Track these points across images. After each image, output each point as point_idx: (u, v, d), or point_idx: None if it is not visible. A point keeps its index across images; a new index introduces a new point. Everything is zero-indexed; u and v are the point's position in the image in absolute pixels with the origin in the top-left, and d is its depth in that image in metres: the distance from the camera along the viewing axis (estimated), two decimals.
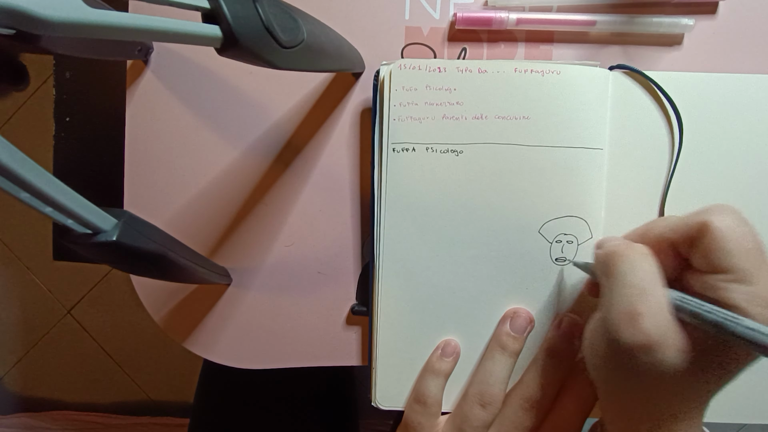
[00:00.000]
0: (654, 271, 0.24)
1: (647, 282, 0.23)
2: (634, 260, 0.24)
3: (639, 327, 0.22)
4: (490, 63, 0.31)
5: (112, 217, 0.21)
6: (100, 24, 0.16)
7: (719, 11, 0.33)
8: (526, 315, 0.31)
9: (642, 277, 0.23)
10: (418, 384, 0.31)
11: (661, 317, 0.22)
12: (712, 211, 0.23)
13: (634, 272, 0.24)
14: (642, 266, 0.24)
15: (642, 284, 0.23)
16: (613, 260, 0.25)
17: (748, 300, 0.21)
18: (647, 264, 0.24)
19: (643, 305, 0.22)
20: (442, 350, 0.32)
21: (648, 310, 0.22)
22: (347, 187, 0.35)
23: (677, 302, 0.23)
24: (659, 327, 0.22)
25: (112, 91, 0.96)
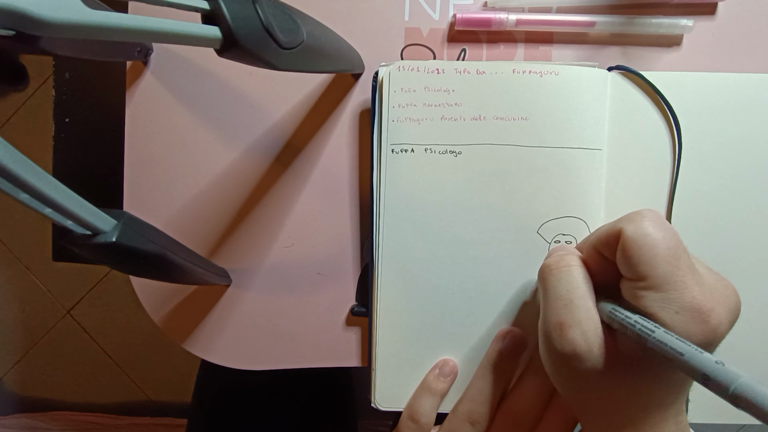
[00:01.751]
0: (581, 283, 0.24)
1: (574, 293, 0.24)
2: (561, 272, 0.25)
3: (566, 337, 0.23)
4: (489, 64, 0.31)
5: (112, 218, 0.21)
6: (100, 25, 0.16)
7: (718, 12, 0.33)
8: (519, 335, 0.31)
9: (569, 288, 0.24)
10: (413, 401, 0.31)
11: (588, 327, 0.23)
12: (628, 218, 0.23)
13: (561, 284, 0.25)
14: (568, 278, 0.25)
15: (569, 296, 0.24)
16: (545, 273, 0.26)
17: (662, 307, 0.22)
18: (574, 275, 0.25)
19: (570, 316, 0.23)
20: (440, 370, 0.32)
21: (574, 321, 0.23)
22: (347, 187, 0.35)
23: (609, 313, 0.23)
24: (586, 337, 0.23)
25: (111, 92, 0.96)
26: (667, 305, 0.21)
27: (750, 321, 0.32)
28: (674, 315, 0.21)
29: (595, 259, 0.25)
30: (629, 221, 0.23)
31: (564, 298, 0.24)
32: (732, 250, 0.32)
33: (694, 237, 0.32)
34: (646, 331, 0.21)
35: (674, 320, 0.21)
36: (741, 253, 0.32)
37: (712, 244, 0.32)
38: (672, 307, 0.21)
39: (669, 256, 0.22)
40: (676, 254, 0.22)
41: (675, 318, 0.21)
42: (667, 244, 0.22)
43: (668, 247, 0.22)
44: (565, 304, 0.24)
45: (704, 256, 0.32)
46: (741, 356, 0.32)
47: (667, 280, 0.22)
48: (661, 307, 0.22)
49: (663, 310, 0.21)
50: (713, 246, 0.32)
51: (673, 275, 0.22)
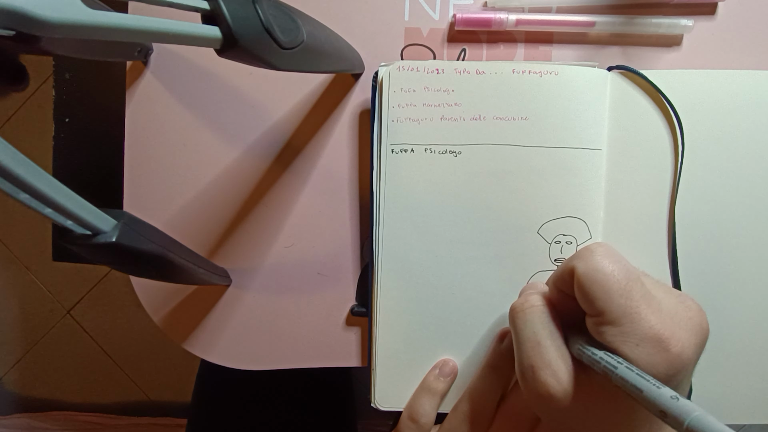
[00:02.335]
0: (545, 323, 0.25)
1: (539, 334, 0.24)
2: (526, 314, 0.25)
3: (539, 380, 0.23)
4: (488, 64, 0.31)
5: (112, 218, 0.21)
6: (100, 25, 0.16)
7: (718, 12, 0.33)
8: None
9: (533, 330, 0.24)
10: (413, 401, 0.32)
11: (558, 368, 0.23)
12: (578, 255, 0.23)
13: (527, 326, 0.25)
14: (533, 320, 0.25)
15: (535, 337, 0.24)
16: (511, 316, 0.26)
17: (623, 341, 0.22)
18: (539, 316, 0.25)
19: (539, 359, 0.24)
20: (440, 370, 0.32)
21: (544, 363, 0.23)
22: (346, 187, 0.35)
23: (578, 350, 0.23)
24: (557, 377, 0.23)
25: (111, 92, 0.96)
26: (626, 339, 0.21)
27: (753, 322, 0.32)
28: (635, 348, 0.21)
29: (559, 296, 0.25)
30: (580, 258, 0.23)
31: (531, 340, 0.24)
32: (736, 248, 0.32)
33: (698, 236, 0.32)
34: (609, 367, 0.21)
35: (635, 353, 0.21)
36: (745, 251, 0.32)
37: (715, 242, 0.32)
38: (632, 340, 0.21)
39: (620, 290, 0.22)
40: (627, 286, 0.22)
41: (636, 351, 0.21)
42: (618, 276, 0.22)
43: (619, 280, 0.22)
44: (533, 346, 0.24)
45: (708, 256, 0.32)
46: (741, 356, 0.32)
47: (623, 314, 0.22)
48: (622, 341, 0.22)
49: (624, 344, 0.21)
50: (717, 244, 0.32)
51: (628, 308, 0.22)
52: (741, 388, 0.33)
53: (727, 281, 0.32)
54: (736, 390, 0.32)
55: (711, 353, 0.32)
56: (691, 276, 0.32)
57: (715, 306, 0.32)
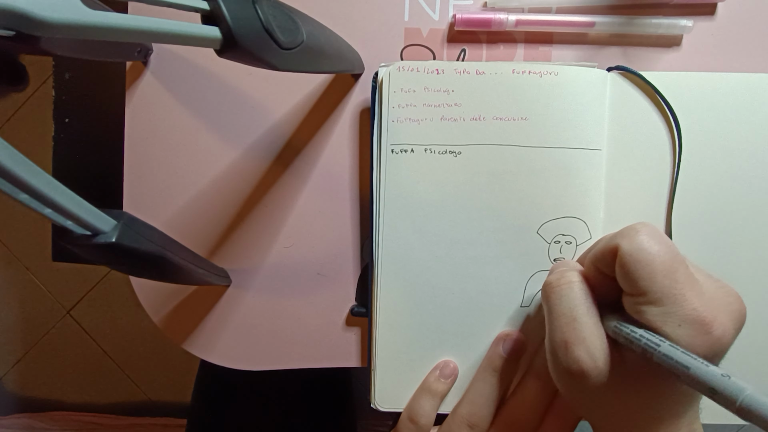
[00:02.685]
0: (582, 299, 0.24)
1: (576, 310, 0.24)
2: (562, 290, 0.25)
3: (572, 355, 0.23)
4: (488, 64, 0.31)
5: (111, 219, 0.21)
6: (99, 25, 0.16)
7: (718, 12, 0.33)
8: (519, 338, 0.31)
9: (570, 305, 0.24)
10: (413, 401, 0.31)
11: (592, 344, 0.23)
12: (622, 234, 0.23)
13: (563, 302, 0.25)
14: (570, 295, 0.25)
15: (571, 313, 0.24)
16: (547, 291, 0.26)
17: (664, 321, 0.22)
18: (576, 292, 0.25)
19: (574, 334, 0.23)
20: (441, 371, 0.32)
21: (578, 338, 0.23)
22: (346, 188, 0.35)
23: (614, 328, 0.23)
24: (591, 354, 0.23)
25: (111, 93, 0.96)
26: (668, 319, 0.21)
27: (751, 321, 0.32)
28: (677, 328, 0.21)
29: (595, 274, 0.25)
30: (624, 237, 0.23)
31: (567, 315, 0.24)
32: (732, 250, 0.32)
33: (695, 237, 0.32)
34: (651, 345, 0.21)
35: (677, 333, 0.21)
36: (741, 252, 0.32)
37: (712, 243, 0.32)
38: (674, 321, 0.21)
39: (666, 270, 0.22)
40: (673, 267, 0.22)
41: (678, 331, 0.21)
42: (663, 257, 0.22)
43: (664, 261, 0.22)
44: (569, 322, 0.24)
45: (705, 256, 0.32)
46: (743, 357, 0.32)
47: (666, 294, 0.22)
48: (663, 321, 0.21)
49: (665, 324, 0.21)
50: (713, 245, 0.32)
51: (672, 288, 0.22)
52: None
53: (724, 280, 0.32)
54: None
55: None
56: None
57: None
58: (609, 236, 0.25)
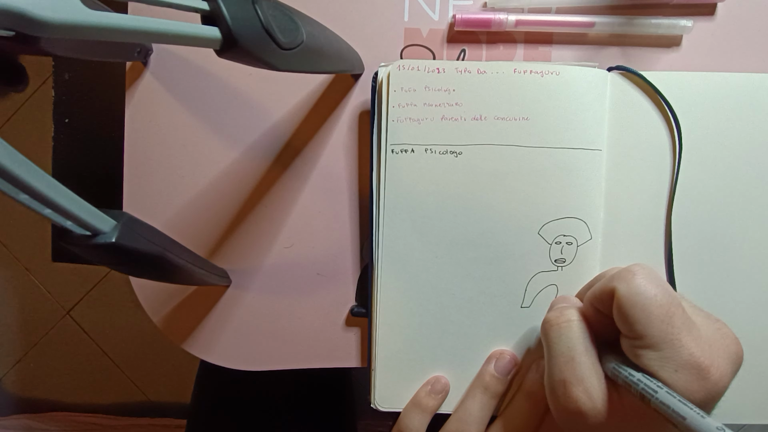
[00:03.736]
0: (580, 339, 0.24)
1: (574, 350, 0.24)
2: (561, 329, 0.25)
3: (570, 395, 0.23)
4: (490, 64, 0.31)
5: (111, 219, 0.21)
6: (99, 26, 0.16)
7: (717, 13, 0.33)
8: (511, 357, 0.31)
9: (568, 345, 0.24)
10: (403, 416, 0.31)
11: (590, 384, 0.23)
12: (619, 276, 0.23)
13: (561, 341, 0.24)
14: (569, 335, 0.24)
15: (570, 352, 0.24)
16: (546, 329, 0.26)
17: (661, 366, 0.21)
18: (574, 332, 0.25)
19: (572, 374, 0.23)
20: (432, 386, 0.32)
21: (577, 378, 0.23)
22: (346, 188, 0.35)
23: (612, 370, 0.23)
24: (589, 394, 0.23)
25: (111, 93, 0.96)
26: (665, 364, 0.21)
27: (750, 322, 0.32)
28: (673, 373, 0.21)
29: (594, 313, 0.25)
30: (621, 279, 0.23)
31: (565, 354, 0.24)
32: (732, 249, 0.32)
33: (694, 237, 0.32)
34: (648, 391, 0.21)
35: (674, 379, 0.21)
36: (741, 252, 0.32)
37: (711, 243, 0.32)
38: (671, 366, 0.21)
39: (662, 315, 0.22)
40: (669, 312, 0.22)
41: (674, 377, 0.21)
42: (660, 301, 0.22)
43: (661, 305, 0.22)
44: (567, 361, 0.24)
45: (704, 257, 0.32)
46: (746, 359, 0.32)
47: (663, 339, 0.22)
48: (660, 366, 0.21)
49: (662, 369, 0.21)
50: (712, 245, 0.32)
51: (669, 333, 0.22)
52: (740, 388, 0.32)
53: (724, 282, 0.32)
54: (736, 390, 0.32)
55: None
56: (689, 276, 0.32)
57: (712, 306, 0.32)
58: (607, 276, 0.24)
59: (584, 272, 0.31)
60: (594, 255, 0.31)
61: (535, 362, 0.31)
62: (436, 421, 0.32)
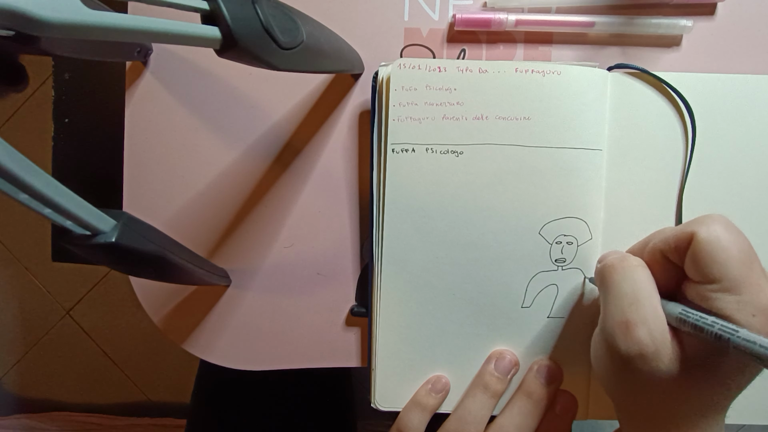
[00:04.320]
0: (646, 282, 0.24)
1: (640, 292, 0.24)
2: (626, 271, 0.25)
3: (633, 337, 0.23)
4: (491, 63, 0.31)
5: (111, 219, 0.21)
6: (99, 25, 0.16)
7: (718, 12, 0.33)
8: (511, 357, 0.31)
9: (634, 287, 0.24)
10: (403, 414, 0.31)
11: (655, 327, 0.23)
12: (699, 221, 0.23)
13: (626, 282, 0.24)
14: (634, 276, 0.24)
15: (635, 294, 0.24)
16: (608, 272, 0.25)
17: (738, 309, 0.21)
18: (640, 274, 0.24)
19: (636, 315, 0.23)
20: (432, 385, 0.32)
21: (641, 319, 0.23)
22: (346, 188, 0.35)
23: (680, 315, 0.23)
24: (653, 336, 0.22)
25: (111, 93, 0.96)
26: (743, 307, 0.21)
27: None
28: (751, 318, 0.21)
29: (657, 262, 0.25)
30: (701, 224, 0.23)
31: (629, 296, 0.24)
32: None
33: None
34: (728, 330, 0.21)
35: (751, 322, 0.21)
36: None
37: None
38: (749, 309, 0.21)
39: (743, 259, 0.22)
40: (750, 257, 0.22)
41: (752, 320, 0.21)
42: (740, 246, 0.22)
43: (741, 249, 0.22)
44: (631, 303, 0.23)
45: None
46: None
47: (743, 283, 0.21)
48: (737, 309, 0.21)
49: (739, 312, 0.21)
50: None
51: (748, 278, 0.21)
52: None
53: None
54: None
55: None
56: None
57: None
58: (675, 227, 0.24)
59: (585, 272, 0.31)
60: (594, 255, 0.31)
61: (534, 362, 0.31)
62: (436, 421, 0.32)
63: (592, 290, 0.31)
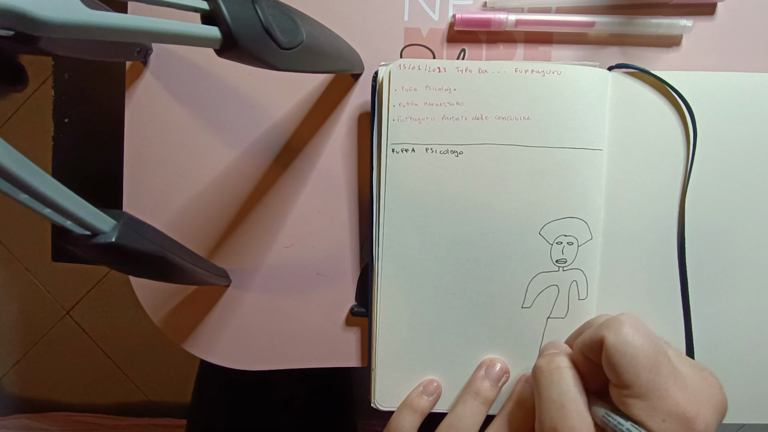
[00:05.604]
0: (571, 385, 0.24)
1: (565, 397, 0.24)
2: (552, 375, 0.25)
3: None
4: (491, 63, 0.31)
5: (111, 219, 0.21)
6: (99, 25, 0.16)
7: (717, 12, 0.33)
8: (502, 365, 0.31)
9: (560, 392, 0.24)
10: (395, 416, 0.31)
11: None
12: (608, 325, 0.23)
13: (552, 388, 0.25)
14: (559, 381, 0.25)
15: (560, 399, 0.24)
16: (536, 375, 0.26)
17: (649, 416, 0.22)
18: (565, 378, 0.25)
19: (562, 421, 0.23)
20: (424, 388, 0.32)
21: (566, 426, 0.23)
22: (346, 188, 0.35)
23: (603, 417, 0.23)
24: None
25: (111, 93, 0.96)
26: (653, 413, 0.22)
27: (753, 321, 0.32)
28: (661, 423, 0.21)
29: (583, 360, 0.25)
30: (609, 329, 0.23)
31: (556, 402, 0.24)
32: (732, 248, 0.32)
33: (692, 235, 0.32)
34: None
35: (662, 428, 0.21)
36: (742, 251, 0.32)
37: (710, 242, 0.32)
38: (658, 416, 0.22)
39: (650, 365, 0.22)
40: (656, 361, 0.22)
41: (662, 426, 0.21)
42: (647, 351, 0.22)
43: (648, 355, 0.22)
44: (557, 408, 0.24)
45: (704, 255, 0.32)
46: (742, 356, 0.32)
47: (650, 389, 0.22)
48: (648, 416, 0.22)
49: (650, 418, 0.22)
50: (712, 243, 0.32)
51: (656, 383, 0.22)
52: (740, 387, 0.33)
53: (726, 280, 0.32)
54: (736, 389, 0.32)
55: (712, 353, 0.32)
56: (692, 275, 0.32)
57: (714, 305, 0.32)
58: (596, 324, 0.25)
59: (585, 272, 0.31)
60: (594, 255, 0.31)
61: (523, 374, 0.31)
62: (436, 421, 0.32)
63: (593, 291, 0.31)
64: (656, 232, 0.32)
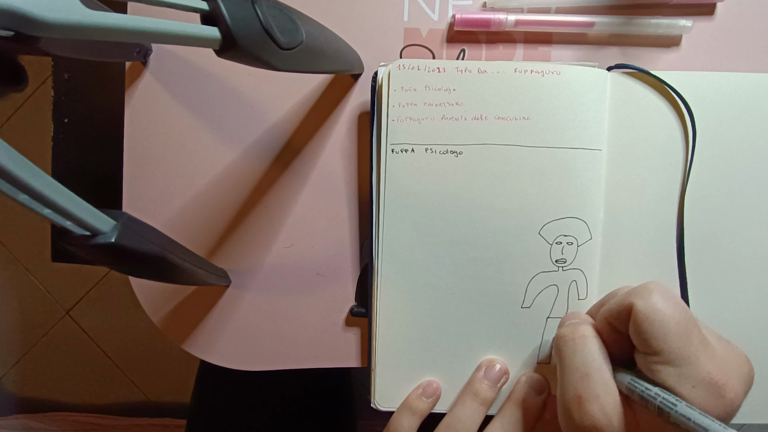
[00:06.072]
0: (596, 354, 0.24)
1: (590, 365, 0.24)
2: (576, 344, 0.25)
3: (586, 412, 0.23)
4: (490, 63, 0.31)
5: (111, 219, 0.21)
6: (98, 25, 0.16)
7: (717, 12, 0.33)
8: (501, 366, 0.31)
9: (584, 360, 0.24)
10: (394, 418, 0.31)
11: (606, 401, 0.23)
12: (637, 292, 0.23)
13: (576, 356, 0.25)
14: (584, 350, 0.25)
15: (585, 368, 0.24)
16: (559, 344, 0.26)
17: (679, 382, 0.22)
18: (590, 347, 0.25)
19: (588, 390, 0.23)
20: (423, 389, 0.32)
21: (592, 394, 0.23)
22: (346, 188, 0.35)
23: (628, 384, 0.23)
24: (605, 411, 0.23)
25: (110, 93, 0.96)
26: (683, 380, 0.22)
27: (754, 321, 0.32)
28: (691, 390, 0.21)
29: (607, 330, 0.25)
30: (639, 296, 0.23)
31: (580, 370, 0.24)
32: (732, 248, 0.32)
33: (692, 235, 0.32)
34: (668, 404, 0.21)
35: (691, 395, 0.21)
36: (742, 250, 0.32)
37: (710, 241, 0.32)
38: (688, 382, 0.22)
39: (680, 332, 0.22)
40: (687, 329, 0.22)
41: (692, 392, 0.21)
42: (678, 318, 0.22)
43: (678, 322, 0.22)
44: (582, 377, 0.24)
45: (704, 254, 0.32)
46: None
47: (681, 356, 0.22)
48: (678, 382, 0.22)
49: (680, 384, 0.22)
50: (711, 243, 0.32)
51: (686, 350, 0.22)
52: None
53: (725, 280, 0.32)
54: None
55: None
56: (691, 274, 0.32)
57: (713, 304, 0.32)
58: (622, 293, 0.25)
59: (585, 272, 0.31)
60: (594, 255, 0.31)
61: (522, 374, 0.31)
62: (435, 421, 0.32)
63: (593, 290, 0.31)
64: (655, 232, 0.32)
